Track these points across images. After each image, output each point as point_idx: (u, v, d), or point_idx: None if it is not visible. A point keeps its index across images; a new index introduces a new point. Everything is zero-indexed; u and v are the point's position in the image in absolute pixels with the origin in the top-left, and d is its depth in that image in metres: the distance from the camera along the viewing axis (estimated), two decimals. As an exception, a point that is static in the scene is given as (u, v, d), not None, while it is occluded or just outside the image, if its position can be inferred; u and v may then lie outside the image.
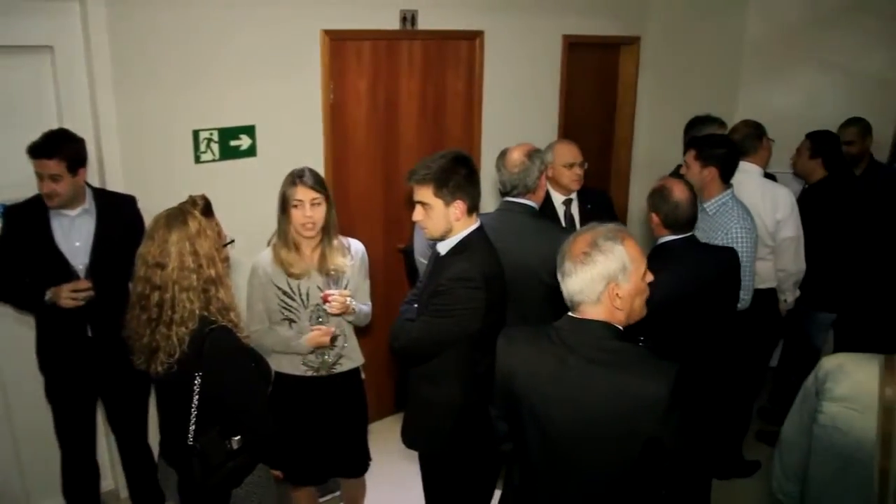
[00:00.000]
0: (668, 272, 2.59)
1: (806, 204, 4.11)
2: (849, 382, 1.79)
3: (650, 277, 1.99)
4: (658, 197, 3.05)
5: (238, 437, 2.28)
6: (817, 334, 4.44)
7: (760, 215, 3.72)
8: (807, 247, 3.97)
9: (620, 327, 1.97)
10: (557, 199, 3.78)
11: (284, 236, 3.02)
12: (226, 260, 2.37)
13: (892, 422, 1.69)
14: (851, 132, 4.61)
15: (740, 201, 3.53)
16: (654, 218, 3.07)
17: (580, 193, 3.83)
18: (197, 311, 2.22)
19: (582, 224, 3.80)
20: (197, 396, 2.22)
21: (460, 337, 2.62)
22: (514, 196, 3.19)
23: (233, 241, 2.42)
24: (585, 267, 1.93)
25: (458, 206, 2.62)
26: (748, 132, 4.04)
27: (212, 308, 2.26)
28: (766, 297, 3.87)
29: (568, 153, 3.69)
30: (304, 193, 2.93)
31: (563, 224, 3.76)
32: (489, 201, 3.99)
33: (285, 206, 2.97)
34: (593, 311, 1.96)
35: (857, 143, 4.60)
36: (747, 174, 3.86)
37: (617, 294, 1.92)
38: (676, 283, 2.81)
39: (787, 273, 3.94)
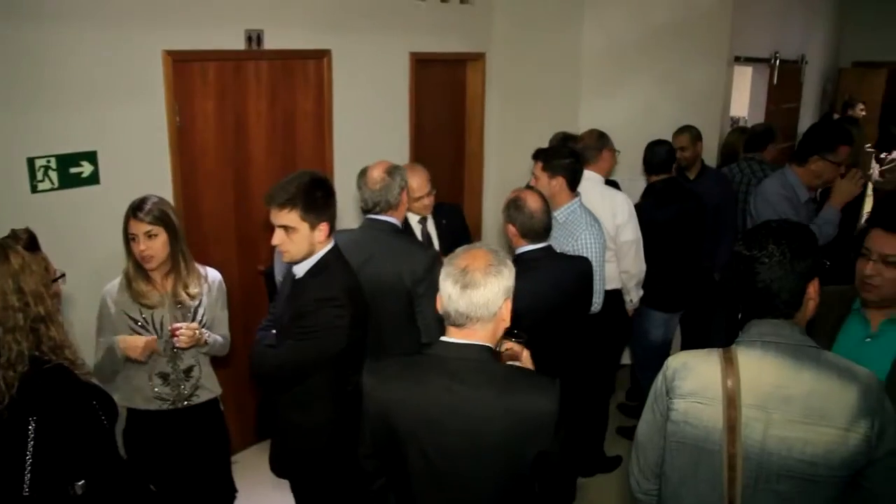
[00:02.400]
0: (529, 282, 2.67)
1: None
2: (694, 378, 1.90)
3: None
4: (513, 208, 3.14)
5: (82, 481, 2.15)
6: (651, 330, 4.68)
7: (602, 220, 3.86)
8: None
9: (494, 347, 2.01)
10: (413, 217, 3.82)
11: (134, 266, 2.90)
12: (56, 296, 2.23)
13: (735, 410, 1.82)
14: (683, 139, 4.91)
15: (587, 209, 3.69)
16: (511, 229, 3.16)
17: (435, 209, 3.87)
18: (26, 352, 2.07)
19: (440, 240, 3.86)
20: (32, 443, 2.06)
21: (327, 358, 2.59)
22: (375, 213, 3.18)
23: (63, 275, 2.29)
24: (496, 279, 1.94)
25: (323, 229, 2.62)
26: (589, 142, 4.25)
27: (43, 347, 2.12)
28: (612, 298, 4.03)
29: (416, 186, 3.63)
30: (137, 227, 2.81)
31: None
32: (344, 219, 3.98)
33: (126, 237, 2.87)
34: (482, 331, 1.96)
35: (689, 148, 4.91)
36: (588, 181, 4.02)
37: (508, 309, 1.97)
38: (538, 293, 2.91)
39: (629, 274, 4.13)
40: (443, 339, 2.00)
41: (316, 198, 2.60)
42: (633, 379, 5.12)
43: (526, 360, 2.28)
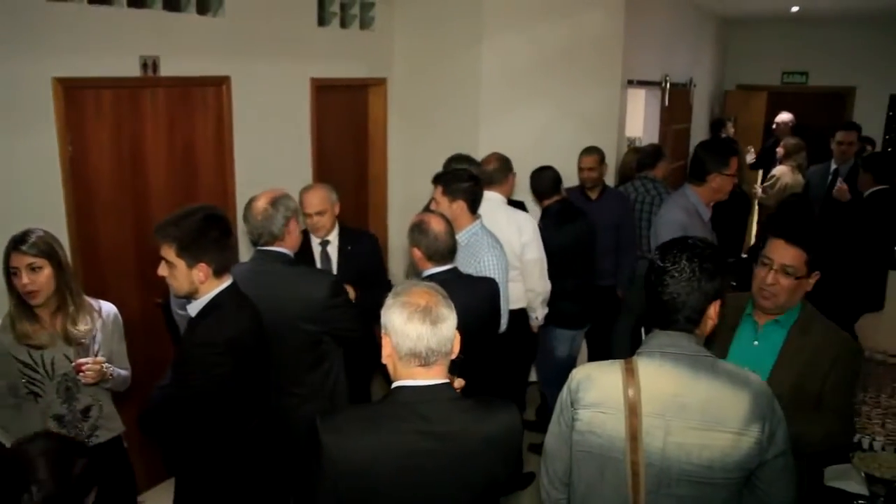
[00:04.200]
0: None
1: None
2: (597, 389, 1.96)
3: None
4: (417, 231, 3.17)
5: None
6: (558, 347, 4.77)
7: (508, 240, 3.94)
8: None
9: None
10: (314, 240, 3.82)
11: (18, 305, 2.76)
12: None
13: (637, 419, 1.89)
14: (591, 160, 5.04)
15: (489, 230, 3.75)
16: (417, 252, 3.18)
17: (342, 234, 3.88)
18: None
19: (340, 265, 3.84)
20: None
21: (208, 404, 2.51)
22: (263, 245, 3.13)
23: None
24: (452, 312, 1.94)
25: (202, 269, 2.51)
26: (498, 165, 4.33)
27: None
28: (517, 317, 4.09)
29: (308, 203, 3.70)
30: (18, 260, 2.70)
31: (319, 265, 3.79)
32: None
33: (7, 273, 2.74)
34: (443, 366, 1.95)
35: (596, 169, 5.06)
36: (493, 202, 4.10)
37: (458, 340, 1.97)
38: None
39: (535, 293, 4.22)
40: (408, 383, 1.92)
41: (198, 239, 2.49)
42: (542, 396, 5.20)
43: (460, 386, 2.30)
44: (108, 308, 3.00)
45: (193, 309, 2.60)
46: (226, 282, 2.61)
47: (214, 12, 4.24)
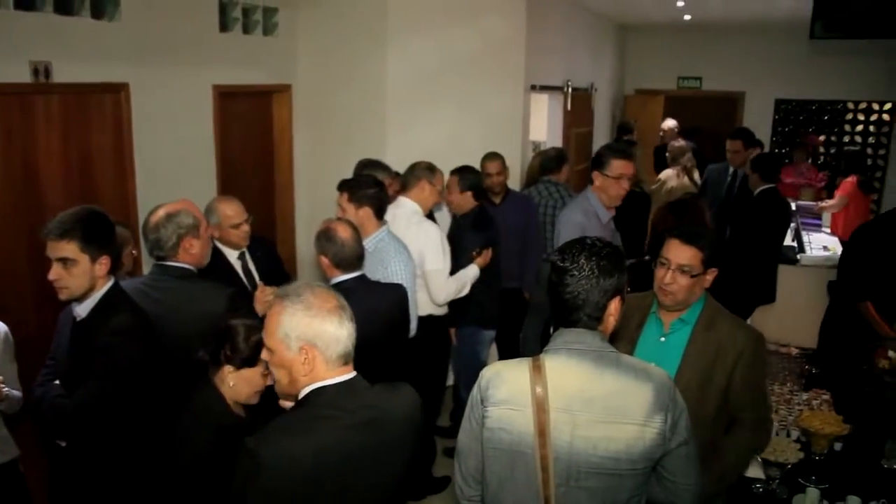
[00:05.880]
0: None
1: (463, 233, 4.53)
2: (506, 386, 2.00)
3: None
4: (324, 239, 3.17)
5: None
6: (482, 350, 4.85)
7: (411, 247, 3.89)
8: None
9: None
10: (231, 255, 3.71)
11: None
12: None
13: (545, 414, 1.93)
14: (495, 165, 5.11)
15: (396, 236, 3.76)
16: (324, 260, 3.18)
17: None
18: None
19: (261, 276, 3.77)
20: None
21: (133, 395, 2.51)
22: (160, 260, 3.03)
23: None
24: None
25: (105, 262, 2.55)
26: (412, 171, 4.29)
27: None
28: (429, 323, 4.13)
29: (232, 213, 3.60)
30: None
31: (244, 279, 3.69)
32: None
33: None
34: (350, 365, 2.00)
35: (502, 174, 5.14)
36: (401, 208, 4.12)
37: None
38: (356, 322, 2.92)
39: (437, 302, 4.20)
40: (328, 383, 1.93)
41: (96, 229, 2.54)
42: (455, 399, 5.24)
43: None
44: None
45: (84, 309, 2.58)
46: (112, 280, 2.65)
47: (110, 17, 4.09)
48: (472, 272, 4.29)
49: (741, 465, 2.72)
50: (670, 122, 8.79)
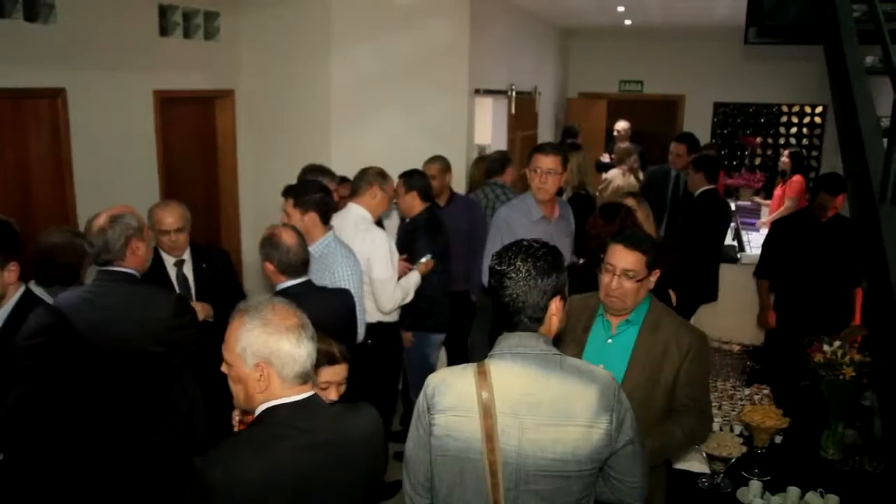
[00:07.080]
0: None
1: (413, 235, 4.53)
2: (452, 393, 2.00)
3: None
4: (269, 245, 3.14)
5: None
6: (432, 354, 4.85)
7: (358, 254, 3.84)
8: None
9: None
10: (169, 260, 3.65)
11: None
12: None
13: (492, 420, 1.94)
14: (434, 168, 5.12)
15: (342, 242, 3.74)
16: (269, 266, 3.15)
17: (194, 252, 3.73)
18: None
19: (197, 285, 3.71)
20: None
21: (68, 393, 2.52)
22: (105, 265, 2.98)
23: None
24: None
25: (13, 269, 2.59)
26: (363, 176, 4.23)
27: None
28: (379, 330, 4.13)
29: (162, 220, 3.55)
30: None
31: (177, 287, 3.63)
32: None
33: None
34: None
35: (440, 177, 5.14)
36: (350, 214, 4.09)
37: None
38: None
39: (384, 311, 4.16)
40: (283, 401, 1.89)
41: (5, 237, 2.62)
42: (405, 404, 5.22)
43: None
44: None
45: (0, 317, 2.59)
46: (23, 286, 2.69)
47: (45, 19, 3.99)
48: (413, 279, 4.27)
49: (684, 442, 2.69)
50: (624, 124, 8.87)
